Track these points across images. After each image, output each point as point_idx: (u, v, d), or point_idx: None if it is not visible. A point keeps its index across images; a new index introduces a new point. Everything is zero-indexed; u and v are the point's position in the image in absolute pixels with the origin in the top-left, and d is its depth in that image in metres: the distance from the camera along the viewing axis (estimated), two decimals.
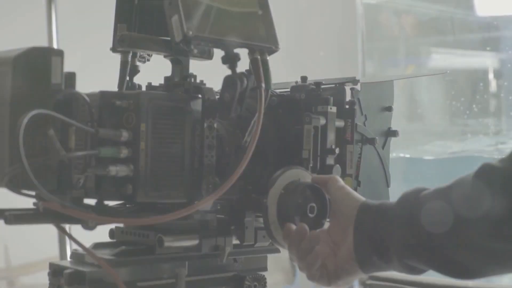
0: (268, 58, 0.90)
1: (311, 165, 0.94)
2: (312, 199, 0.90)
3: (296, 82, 1.02)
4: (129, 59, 0.97)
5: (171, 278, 0.86)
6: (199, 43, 0.86)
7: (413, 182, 3.33)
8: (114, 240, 0.94)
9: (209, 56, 0.96)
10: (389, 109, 1.06)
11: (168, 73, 0.96)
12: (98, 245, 0.90)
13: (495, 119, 3.22)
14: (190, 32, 0.82)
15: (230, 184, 0.83)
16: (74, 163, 0.79)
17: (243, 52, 0.90)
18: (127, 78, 0.99)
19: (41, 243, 2.21)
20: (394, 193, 1.01)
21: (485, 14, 3.00)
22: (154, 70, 1.01)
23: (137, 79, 1.01)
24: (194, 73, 0.95)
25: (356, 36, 2.30)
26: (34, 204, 0.83)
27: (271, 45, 0.90)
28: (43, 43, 2.14)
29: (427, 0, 2.67)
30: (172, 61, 0.95)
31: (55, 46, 2.12)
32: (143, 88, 0.98)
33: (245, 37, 0.87)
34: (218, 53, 0.94)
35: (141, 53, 0.99)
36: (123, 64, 0.97)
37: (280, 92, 1.01)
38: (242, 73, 0.87)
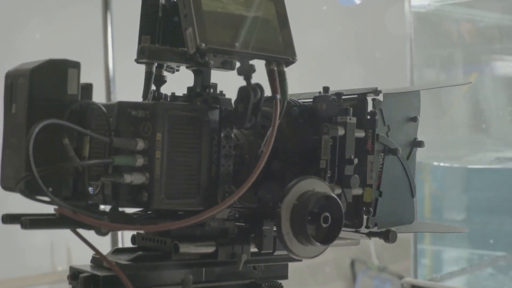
0: (285, 69, 0.91)
1: (328, 175, 0.95)
2: (327, 209, 0.90)
3: (320, 92, 1.02)
4: (153, 70, 1.00)
5: (178, 284, 0.88)
6: (215, 55, 0.87)
7: (474, 191, 3.28)
8: (135, 246, 0.97)
9: (231, 66, 0.98)
10: (414, 119, 1.06)
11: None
12: (118, 251, 0.93)
13: None
14: (203, 45, 0.84)
15: (242, 192, 0.85)
16: (91, 171, 0.82)
17: (261, 62, 0.91)
18: (153, 88, 1.02)
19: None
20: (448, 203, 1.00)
21: None
22: (183, 80, 1.04)
23: (166, 89, 1.04)
24: (217, 83, 0.97)
25: (405, 44, 2.28)
26: (55, 209, 0.87)
27: (288, 57, 0.91)
28: (99, 49, 2.21)
29: (484, 8, 2.62)
30: (194, 72, 0.98)
31: (110, 53, 2.19)
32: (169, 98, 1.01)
33: (261, 48, 0.89)
34: None
35: (168, 64, 1.02)
36: (148, 75, 1.00)
37: (303, 102, 1.02)
38: (256, 84, 0.88)
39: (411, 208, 1.06)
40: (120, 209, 0.86)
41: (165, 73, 1.03)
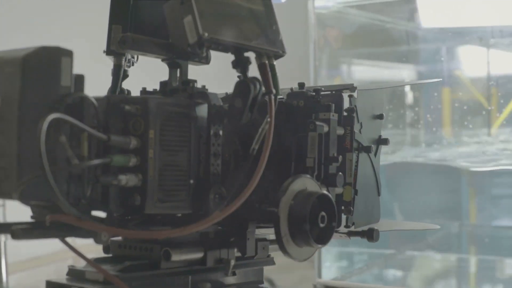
0: (275, 63, 0.87)
1: (315, 173, 0.91)
2: (322, 208, 0.87)
3: (292, 88, 0.99)
4: (123, 63, 0.92)
5: None
6: (210, 46, 0.81)
7: None
8: (110, 255, 0.88)
9: (206, 60, 0.93)
10: (380, 117, 1.05)
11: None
12: (97, 261, 0.84)
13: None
14: (206, 34, 0.78)
15: (248, 194, 0.79)
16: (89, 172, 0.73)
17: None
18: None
19: None
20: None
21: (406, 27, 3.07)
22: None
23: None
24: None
25: (308, 45, 2.30)
26: (32, 217, 0.77)
27: (279, 50, 0.87)
28: None
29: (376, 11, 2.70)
30: (170, 65, 0.91)
31: None
32: (132, 94, 0.93)
33: (255, 41, 0.84)
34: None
35: (129, 57, 0.94)
36: (117, 68, 0.92)
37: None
38: (254, 78, 0.83)
39: (378, 207, 1.05)
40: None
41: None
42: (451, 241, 2.99)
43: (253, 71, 0.91)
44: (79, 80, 0.75)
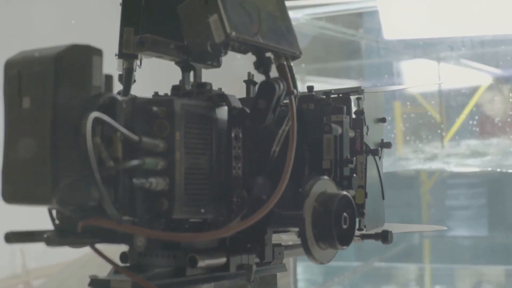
0: (292, 64, 0.86)
1: (332, 175, 0.91)
2: (344, 210, 0.86)
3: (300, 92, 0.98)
4: (134, 66, 0.90)
5: None
6: (234, 45, 0.80)
7: None
8: (128, 265, 0.85)
9: (218, 64, 0.91)
10: (383, 120, 1.06)
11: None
12: (117, 271, 0.81)
13: None
14: (234, 33, 0.77)
15: (277, 198, 0.78)
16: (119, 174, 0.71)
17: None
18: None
19: None
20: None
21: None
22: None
23: None
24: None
25: None
26: (57, 224, 0.74)
27: (296, 51, 0.86)
28: None
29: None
30: (184, 68, 0.89)
31: None
32: None
33: (275, 41, 0.83)
34: None
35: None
36: (128, 71, 0.89)
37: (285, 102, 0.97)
38: (278, 78, 0.82)
39: (382, 210, 1.05)
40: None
41: None
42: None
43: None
44: (108, 80, 0.72)
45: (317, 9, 2.30)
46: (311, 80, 3.29)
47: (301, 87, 0.89)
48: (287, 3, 0.90)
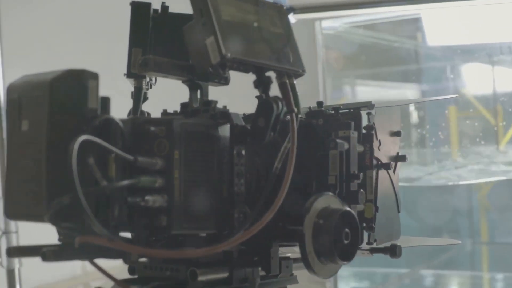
0: (295, 82, 0.88)
1: (337, 190, 0.92)
2: (346, 225, 0.87)
3: (310, 107, 0.99)
4: (143, 85, 0.93)
5: None
6: (232, 66, 0.82)
7: None
8: (135, 277, 0.88)
9: (226, 81, 0.94)
10: (398, 134, 1.06)
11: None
12: (122, 283, 0.85)
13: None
14: (229, 54, 0.79)
15: (274, 212, 0.79)
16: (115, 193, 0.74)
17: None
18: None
19: None
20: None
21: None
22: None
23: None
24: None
25: (317, 66, 2.31)
26: (59, 239, 0.78)
27: (298, 69, 0.87)
28: None
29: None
30: (190, 86, 0.92)
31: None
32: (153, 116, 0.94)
33: (276, 60, 0.85)
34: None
35: (147, 79, 0.95)
36: (137, 91, 0.93)
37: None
38: (276, 97, 0.84)
39: (398, 223, 1.05)
40: None
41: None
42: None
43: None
44: (105, 102, 0.75)
45: (355, 18, 2.31)
46: (363, 84, 3.29)
47: (351, 92, 0.90)
48: (338, 13, 0.92)
